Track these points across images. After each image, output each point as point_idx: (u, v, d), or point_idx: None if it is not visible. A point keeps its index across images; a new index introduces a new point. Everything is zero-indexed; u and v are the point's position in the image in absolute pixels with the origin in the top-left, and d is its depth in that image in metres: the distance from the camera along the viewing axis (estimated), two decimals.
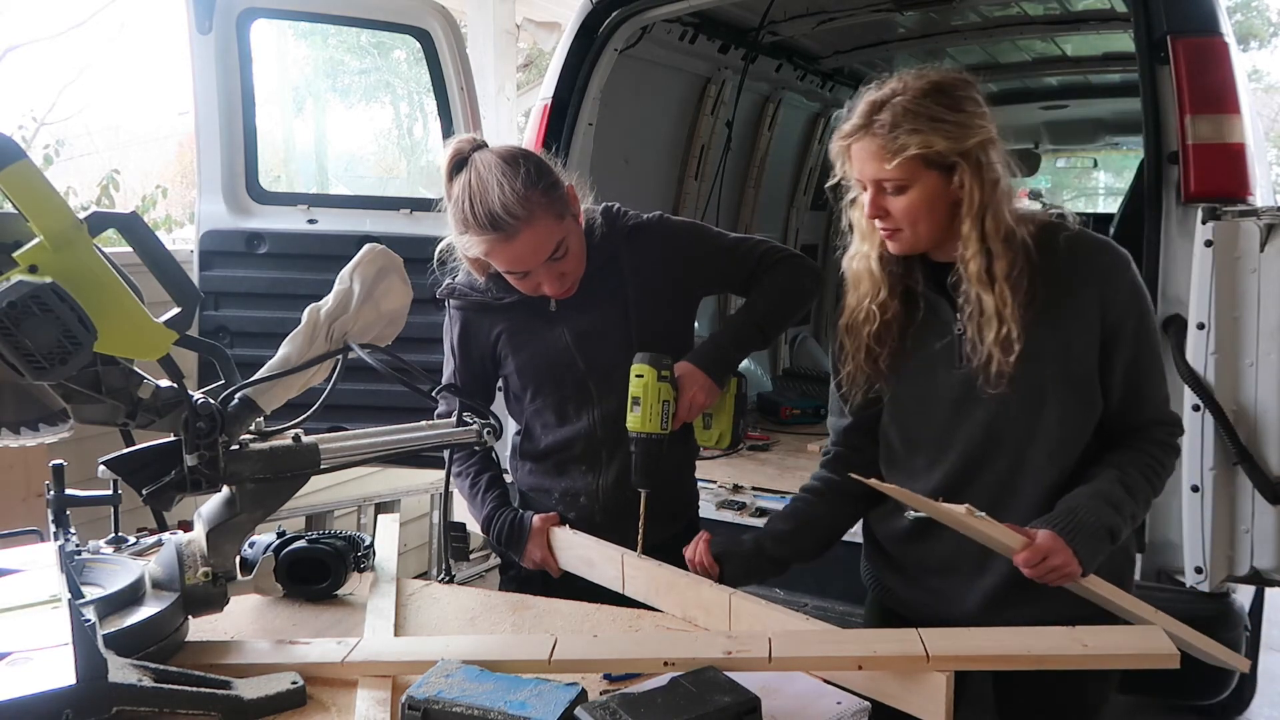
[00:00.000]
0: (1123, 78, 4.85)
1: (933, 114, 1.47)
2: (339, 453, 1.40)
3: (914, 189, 1.50)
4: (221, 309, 3.06)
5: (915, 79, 1.51)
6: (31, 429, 1.28)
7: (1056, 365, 1.53)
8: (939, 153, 1.47)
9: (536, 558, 1.82)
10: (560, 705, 1.10)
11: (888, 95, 1.50)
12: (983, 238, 1.49)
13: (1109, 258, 1.55)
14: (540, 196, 1.68)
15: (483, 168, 1.68)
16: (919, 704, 1.19)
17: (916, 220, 1.52)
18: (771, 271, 1.87)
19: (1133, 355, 1.54)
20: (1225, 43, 2.28)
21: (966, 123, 1.48)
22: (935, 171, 1.49)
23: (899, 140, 1.46)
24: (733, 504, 2.94)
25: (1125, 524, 1.52)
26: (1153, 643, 1.24)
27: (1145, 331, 1.56)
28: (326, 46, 7.18)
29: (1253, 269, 2.10)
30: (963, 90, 1.51)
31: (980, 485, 1.59)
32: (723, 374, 1.82)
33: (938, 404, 1.61)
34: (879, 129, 1.48)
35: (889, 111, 1.48)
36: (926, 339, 1.60)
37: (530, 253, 1.69)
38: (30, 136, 6.73)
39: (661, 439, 1.73)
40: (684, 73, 4.21)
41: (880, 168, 1.49)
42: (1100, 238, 1.58)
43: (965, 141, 1.47)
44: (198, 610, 1.37)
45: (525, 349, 1.85)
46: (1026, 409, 1.55)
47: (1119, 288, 1.53)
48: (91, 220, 1.17)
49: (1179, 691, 2.36)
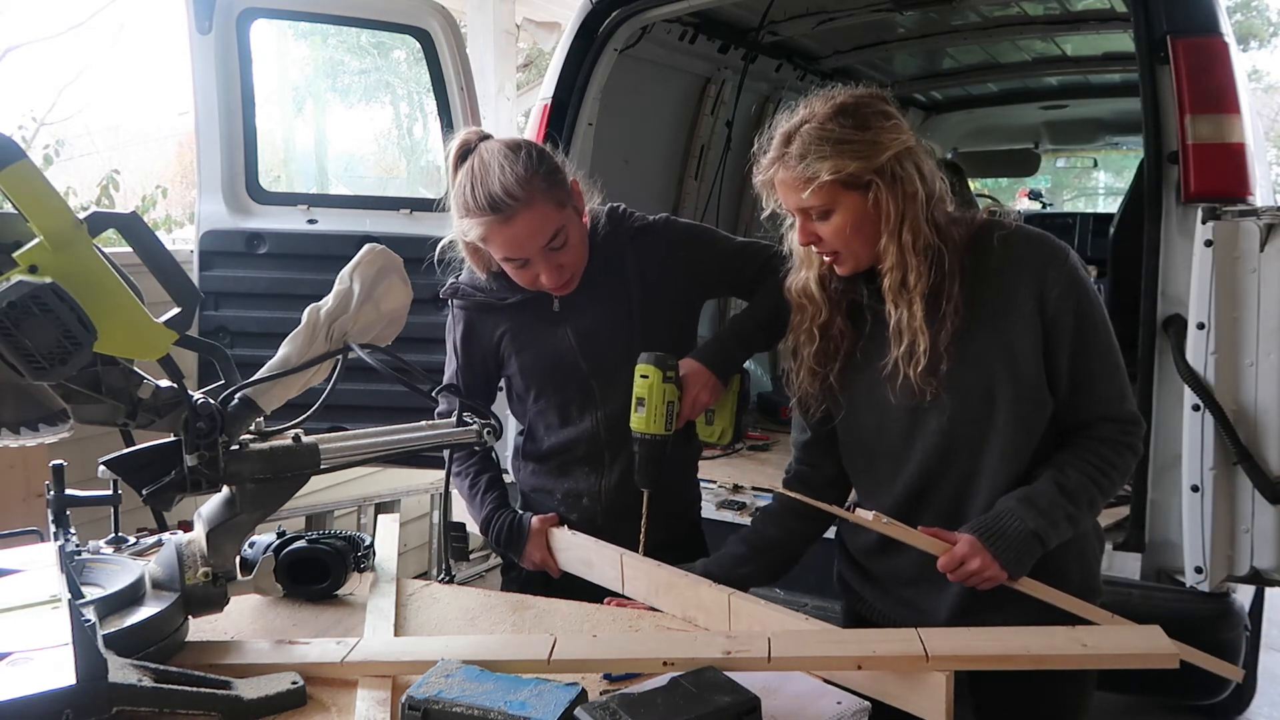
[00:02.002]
0: (1123, 78, 4.85)
1: (840, 137, 1.48)
2: (339, 453, 1.40)
3: (838, 212, 1.51)
4: (221, 309, 3.06)
5: (822, 104, 1.52)
6: (31, 429, 1.28)
7: (1002, 367, 1.53)
8: (852, 174, 1.47)
9: (536, 559, 1.82)
10: (560, 705, 1.10)
11: (797, 125, 1.52)
12: (900, 250, 1.50)
13: (1042, 251, 1.54)
14: (540, 181, 1.69)
15: (486, 154, 1.70)
16: (919, 703, 1.19)
17: (849, 241, 1.53)
18: (777, 275, 1.86)
19: (1076, 349, 1.53)
20: (1225, 43, 2.28)
21: (876, 139, 1.48)
22: (855, 192, 1.50)
23: (810, 168, 1.48)
24: (733, 504, 2.94)
25: (1057, 526, 1.51)
26: (1152, 642, 1.24)
27: (1089, 324, 1.53)
28: (326, 46, 7.17)
29: (1253, 269, 2.10)
30: (869, 106, 1.51)
31: (939, 492, 1.61)
32: (727, 371, 1.82)
33: (891, 414, 1.61)
34: (790, 160, 1.50)
35: (798, 141, 1.50)
36: (874, 354, 1.61)
37: (527, 237, 1.69)
38: (30, 136, 6.73)
39: (665, 440, 1.74)
40: (684, 73, 4.21)
41: (799, 197, 1.51)
42: (1035, 232, 1.57)
43: (877, 159, 1.48)
44: (198, 610, 1.36)
45: (528, 349, 1.85)
46: (977, 414, 1.55)
47: (1054, 280, 1.51)
48: (91, 220, 1.17)
49: (1179, 691, 2.37)
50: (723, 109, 4.40)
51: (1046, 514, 1.51)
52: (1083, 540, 1.63)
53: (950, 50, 4.80)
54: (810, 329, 1.63)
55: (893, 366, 1.56)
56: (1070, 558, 1.61)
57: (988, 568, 1.48)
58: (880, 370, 1.59)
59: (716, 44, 4.12)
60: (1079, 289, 1.53)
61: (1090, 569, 1.68)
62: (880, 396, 1.61)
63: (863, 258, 1.56)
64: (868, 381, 1.62)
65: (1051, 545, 1.52)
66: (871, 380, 1.61)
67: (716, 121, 4.41)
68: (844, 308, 1.63)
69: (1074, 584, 1.55)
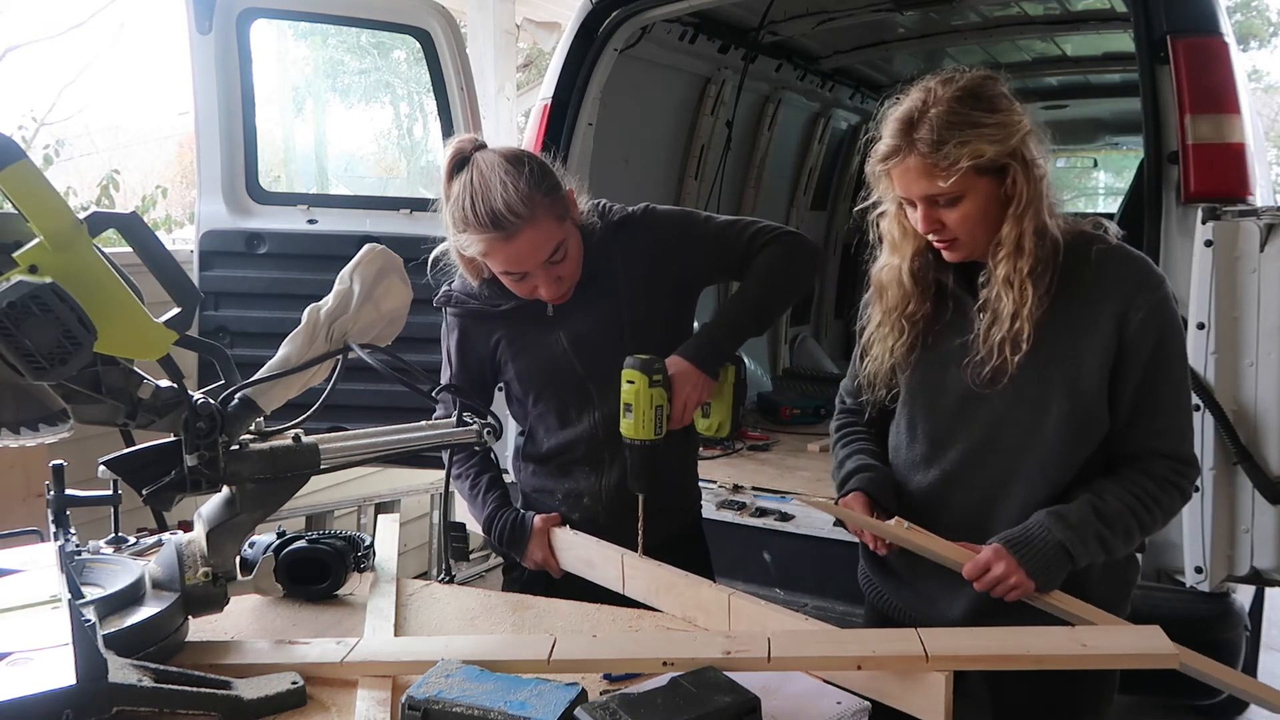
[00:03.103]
0: (1123, 78, 4.85)
1: (973, 120, 1.44)
2: (339, 453, 1.40)
3: (968, 199, 1.47)
4: (221, 309, 3.06)
5: (944, 87, 1.47)
6: (31, 429, 1.28)
7: (1063, 376, 1.51)
8: (990, 159, 1.44)
9: (538, 558, 1.82)
10: (560, 705, 1.10)
11: (919, 109, 1.47)
12: (1019, 236, 1.47)
13: (1136, 274, 1.50)
14: (543, 197, 1.67)
15: (485, 167, 1.66)
16: (918, 704, 1.19)
17: (974, 228, 1.50)
18: (764, 253, 1.82)
19: (1146, 378, 1.49)
20: (1225, 43, 2.28)
21: (1007, 121, 1.45)
22: (987, 178, 1.47)
23: (949, 155, 1.43)
24: (733, 504, 2.94)
25: (1086, 544, 1.48)
26: (1152, 643, 1.24)
27: (1165, 355, 1.50)
28: (326, 46, 7.17)
29: (1253, 269, 2.10)
30: (993, 89, 1.48)
31: (973, 486, 1.60)
32: (715, 364, 1.77)
33: (944, 399, 1.60)
34: (923, 146, 1.45)
35: (927, 127, 1.45)
36: (948, 335, 1.60)
37: (530, 253, 1.68)
38: (30, 136, 6.73)
39: (656, 445, 1.71)
40: (684, 73, 4.22)
41: (932, 184, 1.46)
42: (1135, 254, 1.54)
43: (1010, 141, 1.45)
44: (198, 610, 1.36)
45: (524, 355, 1.85)
46: (1027, 415, 1.53)
47: (1140, 305, 1.48)
48: (91, 220, 1.17)
49: (1178, 691, 2.37)
50: (723, 109, 4.40)
51: (1076, 529, 1.48)
52: (1115, 568, 1.59)
53: (950, 50, 4.80)
54: (899, 319, 1.61)
55: (967, 352, 1.54)
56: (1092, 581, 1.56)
57: (1013, 573, 1.46)
58: (947, 355, 1.58)
59: (716, 44, 4.12)
60: (1164, 319, 1.49)
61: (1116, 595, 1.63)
62: (938, 380, 1.60)
63: (980, 244, 1.53)
64: (930, 363, 1.61)
65: (1081, 563, 1.49)
66: (934, 362, 1.60)
67: (716, 121, 4.42)
68: (931, 295, 1.60)
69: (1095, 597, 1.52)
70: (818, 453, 3.64)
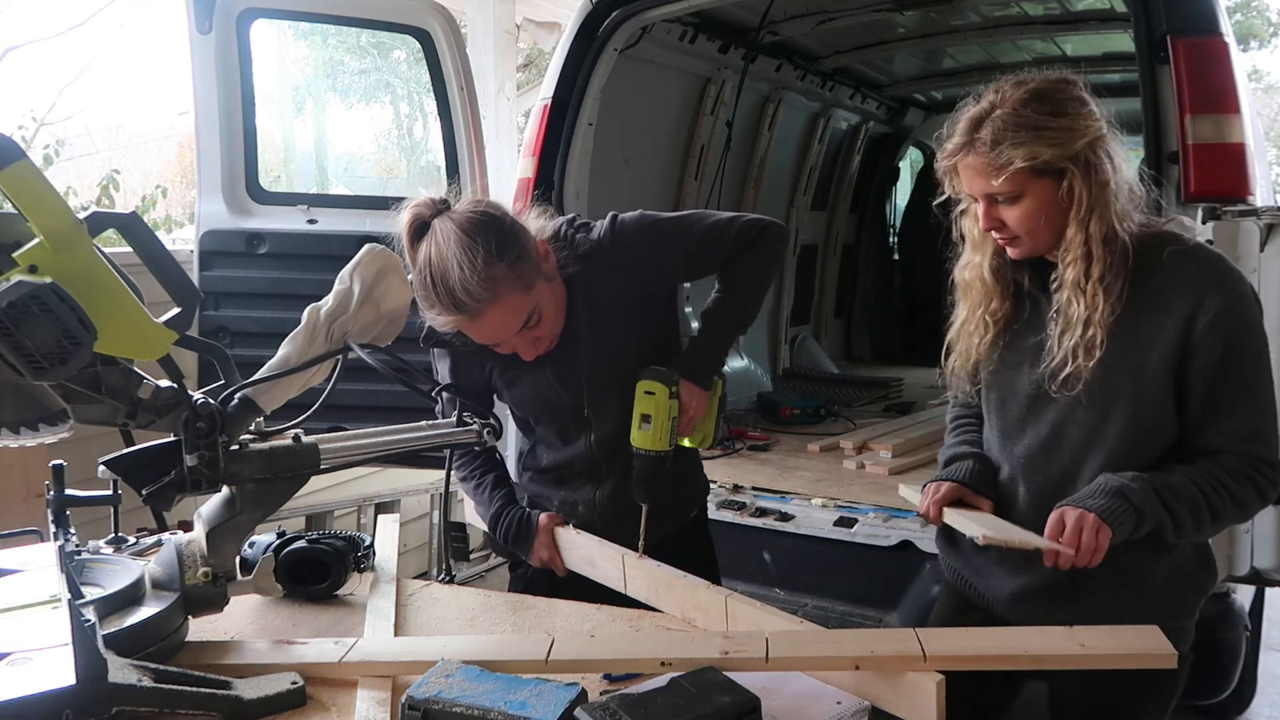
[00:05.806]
0: (1123, 78, 4.83)
1: (1035, 123, 1.45)
2: (339, 453, 1.40)
3: (1026, 198, 1.48)
4: (221, 309, 3.06)
5: (1013, 89, 1.48)
6: (31, 429, 1.28)
7: (1129, 379, 1.49)
8: (1047, 161, 1.45)
9: (543, 556, 1.82)
10: (560, 705, 1.10)
11: (986, 109, 1.48)
12: (1085, 241, 1.47)
13: (1208, 274, 1.47)
14: (506, 271, 1.58)
15: (442, 241, 1.57)
16: (909, 708, 1.18)
17: (1033, 228, 1.50)
18: (743, 258, 1.80)
19: (1217, 378, 1.46)
20: (1225, 42, 2.28)
21: (1071, 126, 1.46)
22: (1046, 179, 1.47)
23: (1004, 155, 1.44)
24: (733, 504, 2.93)
25: (1146, 496, 1.43)
26: (1151, 642, 1.24)
27: (1237, 355, 1.46)
28: (326, 46, 7.18)
29: (1253, 269, 2.09)
30: (1064, 92, 1.48)
31: (1035, 485, 1.59)
32: (710, 379, 1.81)
33: (1015, 398, 1.61)
34: (981, 146, 1.47)
35: (989, 127, 1.46)
36: (1024, 334, 1.60)
37: (496, 330, 1.65)
38: (30, 136, 6.73)
39: (668, 455, 1.73)
40: (684, 73, 4.22)
41: (988, 183, 1.48)
42: (1211, 254, 1.51)
43: (1072, 146, 1.45)
44: (198, 610, 1.36)
45: (516, 386, 1.84)
46: (1092, 417, 1.52)
47: (1210, 305, 1.44)
48: (91, 220, 1.17)
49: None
50: (723, 109, 4.40)
51: (1131, 481, 1.45)
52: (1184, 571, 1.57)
53: (950, 50, 4.80)
54: (983, 317, 1.62)
55: (1041, 352, 1.54)
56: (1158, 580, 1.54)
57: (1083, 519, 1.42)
58: (1022, 354, 1.58)
59: (716, 44, 4.13)
60: (1236, 318, 1.45)
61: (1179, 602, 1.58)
62: (1011, 379, 1.61)
63: (1042, 243, 1.53)
64: (1004, 360, 1.62)
65: (1146, 517, 1.44)
66: (1011, 361, 1.61)
67: (716, 121, 4.42)
68: (1010, 294, 1.61)
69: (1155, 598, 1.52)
70: (817, 453, 3.64)
